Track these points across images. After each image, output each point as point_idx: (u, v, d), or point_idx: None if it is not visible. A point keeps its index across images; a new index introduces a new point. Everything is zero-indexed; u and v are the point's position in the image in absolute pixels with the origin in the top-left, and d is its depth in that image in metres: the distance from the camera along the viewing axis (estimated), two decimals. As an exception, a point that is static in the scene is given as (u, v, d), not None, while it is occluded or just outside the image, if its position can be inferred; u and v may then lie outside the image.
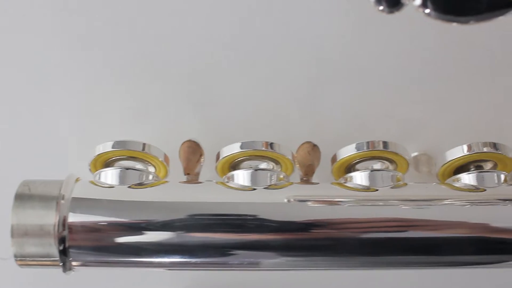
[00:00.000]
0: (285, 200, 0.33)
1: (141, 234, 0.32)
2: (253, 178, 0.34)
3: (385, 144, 0.35)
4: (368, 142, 0.35)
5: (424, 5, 0.29)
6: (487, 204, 0.33)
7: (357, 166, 0.36)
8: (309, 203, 0.33)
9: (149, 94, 0.40)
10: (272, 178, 0.34)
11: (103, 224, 0.32)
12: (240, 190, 0.34)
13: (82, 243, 0.32)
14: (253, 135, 0.38)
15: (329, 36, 0.39)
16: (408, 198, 0.34)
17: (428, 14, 0.29)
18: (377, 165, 0.36)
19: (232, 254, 0.32)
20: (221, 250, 0.32)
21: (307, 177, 0.37)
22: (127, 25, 0.40)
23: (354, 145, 0.35)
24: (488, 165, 0.37)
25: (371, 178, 0.34)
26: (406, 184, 0.35)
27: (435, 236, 0.32)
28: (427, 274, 0.41)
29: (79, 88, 0.40)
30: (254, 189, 0.34)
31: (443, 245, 0.32)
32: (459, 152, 0.35)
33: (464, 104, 0.40)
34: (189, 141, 0.36)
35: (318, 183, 0.36)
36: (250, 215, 0.32)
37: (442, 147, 0.37)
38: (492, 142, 0.36)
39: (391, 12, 0.29)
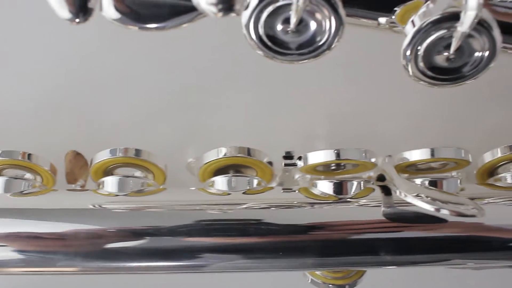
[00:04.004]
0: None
1: None
2: (7, 186, 0.35)
3: (137, 152, 0.36)
4: (122, 149, 0.36)
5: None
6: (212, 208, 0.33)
7: (117, 171, 0.36)
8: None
9: None
10: (26, 186, 0.36)
11: None
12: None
13: None
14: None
15: (102, 46, 0.40)
16: (148, 205, 0.34)
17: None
18: (137, 172, 0.36)
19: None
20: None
21: (78, 185, 0.38)
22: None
23: (108, 150, 0.35)
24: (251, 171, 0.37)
25: (120, 184, 0.35)
26: (164, 189, 0.36)
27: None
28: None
29: None
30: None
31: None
32: (214, 155, 0.35)
33: (245, 106, 0.41)
34: None
35: (87, 190, 0.37)
36: None
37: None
38: (248, 148, 0.36)
39: (85, 20, 0.30)
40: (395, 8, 0.32)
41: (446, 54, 0.30)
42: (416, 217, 0.33)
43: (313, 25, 0.29)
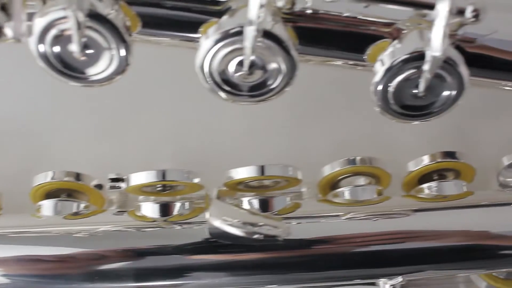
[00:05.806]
0: None
1: None
2: None
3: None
4: None
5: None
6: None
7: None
8: None
9: None
10: None
11: None
12: None
13: None
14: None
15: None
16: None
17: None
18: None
19: None
20: None
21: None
22: None
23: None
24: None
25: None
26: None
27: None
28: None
29: None
30: None
31: None
32: (42, 178, 0.35)
33: (90, 131, 0.41)
34: None
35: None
36: None
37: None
38: (77, 172, 0.35)
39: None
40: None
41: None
42: (238, 237, 0.33)
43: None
